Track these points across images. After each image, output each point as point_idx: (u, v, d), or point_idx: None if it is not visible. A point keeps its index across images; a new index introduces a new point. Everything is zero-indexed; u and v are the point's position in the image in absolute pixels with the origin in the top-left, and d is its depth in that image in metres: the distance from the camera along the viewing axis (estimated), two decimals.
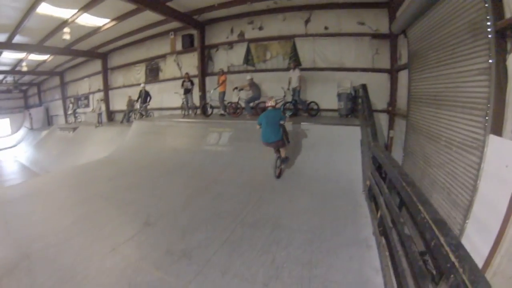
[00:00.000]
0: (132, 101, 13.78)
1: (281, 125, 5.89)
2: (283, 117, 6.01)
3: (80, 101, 19.25)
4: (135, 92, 13.33)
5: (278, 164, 6.13)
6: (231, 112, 10.02)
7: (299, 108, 9.41)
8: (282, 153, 6.12)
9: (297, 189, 5.46)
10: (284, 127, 6.03)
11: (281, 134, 5.87)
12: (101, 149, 11.03)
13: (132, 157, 8.52)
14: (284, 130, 6.05)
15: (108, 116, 16.48)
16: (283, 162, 6.19)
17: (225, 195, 5.31)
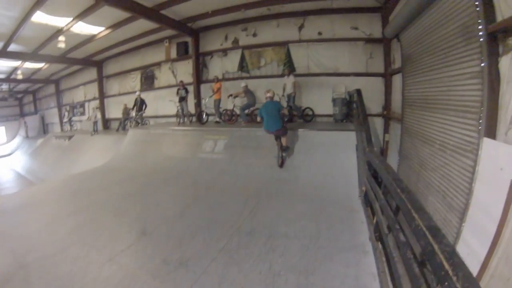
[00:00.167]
0: (128, 109, 13.75)
1: (282, 114, 6.43)
2: (281, 106, 6.54)
3: (76, 109, 19.22)
4: (130, 100, 13.28)
5: (280, 154, 6.58)
6: (226, 119, 10.04)
7: (294, 114, 9.38)
8: (283, 142, 6.53)
9: (293, 196, 5.44)
10: (285, 116, 6.67)
11: (281, 123, 6.38)
12: (97, 157, 10.99)
13: (128, 165, 8.48)
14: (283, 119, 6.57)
15: (103, 124, 16.46)
16: (284, 150, 6.61)
17: (221, 202, 5.29)
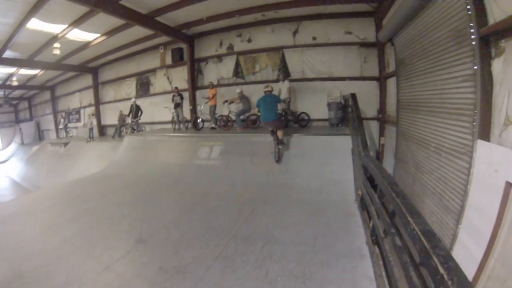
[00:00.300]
0: (124, 116, 13.65)
1: (281, 110, 6.86)
2: (279, 100, 6.93)
3: (71, 115, 19.11)
4: (126, 106, 13.23)
5: (276, 148, 6.77)
6: (222, 125, 10.00)
7: (289, 120, 9.37)
8: (279, 134, 6.67)
9: (289, 201, 5.43)
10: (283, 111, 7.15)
11: (278, 114, 6.73)
12: (92, 164, 10.93)
13: (123, 172, 8.42)
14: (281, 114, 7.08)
15: (99, 130, 16.38)
16: (280, 143, 6.73)
17: (218, 209, 5.26)
